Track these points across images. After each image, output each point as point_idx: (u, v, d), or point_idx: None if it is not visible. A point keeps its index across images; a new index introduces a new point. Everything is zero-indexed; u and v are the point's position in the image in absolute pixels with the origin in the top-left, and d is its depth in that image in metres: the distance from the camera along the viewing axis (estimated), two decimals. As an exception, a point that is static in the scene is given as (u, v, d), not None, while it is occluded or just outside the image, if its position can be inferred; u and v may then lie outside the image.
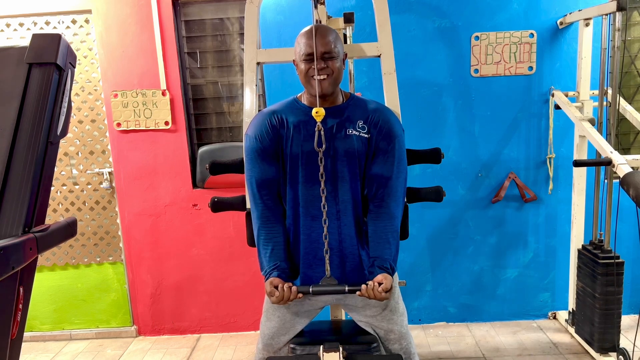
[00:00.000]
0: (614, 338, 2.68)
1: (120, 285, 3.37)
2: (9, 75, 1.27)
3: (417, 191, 1.92)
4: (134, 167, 3.20)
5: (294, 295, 1.58)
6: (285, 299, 1.58)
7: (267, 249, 1.68)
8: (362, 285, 1.58)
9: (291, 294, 1.58)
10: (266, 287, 1.62)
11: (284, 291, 1.58)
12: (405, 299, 1.95)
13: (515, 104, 3.07)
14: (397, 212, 1.70)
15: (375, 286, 1.57)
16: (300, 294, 1.59)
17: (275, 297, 1.58)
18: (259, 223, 1.71)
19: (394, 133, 1.70)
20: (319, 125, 1.61)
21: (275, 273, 1.64)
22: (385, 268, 1.62)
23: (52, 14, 3.12)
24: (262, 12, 2.97)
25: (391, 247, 1.66)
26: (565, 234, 3.13)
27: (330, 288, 1.61)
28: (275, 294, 1.58)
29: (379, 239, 1.67)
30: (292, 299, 1.59)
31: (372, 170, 1.69)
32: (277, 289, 1.59)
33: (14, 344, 1.22)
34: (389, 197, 1.68)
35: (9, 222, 1.18)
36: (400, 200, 1.72)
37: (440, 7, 2.99)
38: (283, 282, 1.60)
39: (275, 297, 1.58)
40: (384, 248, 1.65)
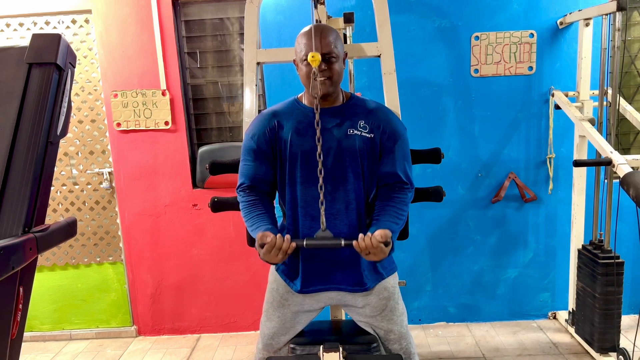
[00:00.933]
0: (614, 338, 2.68)
1: (120, 285, 3.37)
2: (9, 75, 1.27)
3: (417, 191, 1.92)
4: (134, 167, 3.20)
5: (286, 244, 1.52)
6: (277, 246, 1.51)
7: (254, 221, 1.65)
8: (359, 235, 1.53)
9: (284, 242, 1.52)
10: (257, 240, 1.54)
11: (276, 239, 1.51)
12: (405, 299, 1.95)
13: (515, 104, 3.07)
14: (405, 200, 1.70)
15: (372, 236, 1.51)
16: (293, 244, 1.52)
17: (267, 245, 1.51)
18: (245, 206, 1.70)
19: (398, 132, 1.71)
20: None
21: (264, 228, 1.60)
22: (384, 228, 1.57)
23: (52, 14, 3.12)
24: (262, 12, 2.97)
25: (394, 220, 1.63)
26: (565, 234, 3.13)
27: (324, 242, 1.54)
28: (267, 240, 1.51)
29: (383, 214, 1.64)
30: (285, 248, 1.51)
31: (382, 169, 1.70)
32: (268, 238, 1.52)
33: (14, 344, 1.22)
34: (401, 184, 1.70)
35: (9, 222, 1.18)
36: (409, 193, 1.72)
37: (440, 7, 2.99)
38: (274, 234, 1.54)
39: (267, 244, 1.51)
40: (388, 220, 1.62)
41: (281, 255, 1.53)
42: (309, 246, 1.54)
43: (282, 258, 1.54)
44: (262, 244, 1.52)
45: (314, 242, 1.54)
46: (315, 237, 1.56)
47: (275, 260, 1.54)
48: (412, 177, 1.75)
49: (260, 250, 1.54)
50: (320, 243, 1.54)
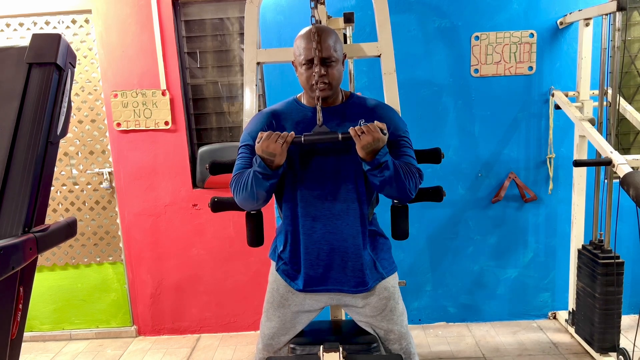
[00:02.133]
0: (614, 338, 2.68)
1: (120, 285, 3.37)
2: (9, 75, 1.27)
3: (418, 191, 1.92)
4: (134, 167, 3.20)
5: (285, 133, 1.53)
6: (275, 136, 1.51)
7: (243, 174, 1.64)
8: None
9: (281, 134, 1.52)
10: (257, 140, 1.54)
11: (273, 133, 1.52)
12: (405, 299, 1.95)
13: (515, 104, 3.07)
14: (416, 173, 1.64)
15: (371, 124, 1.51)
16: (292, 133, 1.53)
17: (265, 134, 1.52)
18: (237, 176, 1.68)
19: (400, 128, 1.71)
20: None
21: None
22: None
23: (52, 14, 3.12)
24: (262, 12, 2.97)
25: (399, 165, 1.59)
26: (565, 234, 3.13)
27: (322, 136, 1.56)
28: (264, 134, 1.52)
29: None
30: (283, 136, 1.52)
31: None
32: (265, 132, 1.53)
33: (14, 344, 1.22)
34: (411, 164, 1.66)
35: (9, 222, 1.18)
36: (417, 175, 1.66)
37: (440, 7, 2.99)
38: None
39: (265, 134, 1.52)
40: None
41: (281, 140, 1.52)
42: (307, 141, 1.54)
43: (282, 145, 1.52)
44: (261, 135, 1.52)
45: (312, 137, 1.55)
46: (313, 132, 1.56)
47: (274, 146, 1.51)
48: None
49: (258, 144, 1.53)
50: (318, 138, 1.56)
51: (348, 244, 1.70)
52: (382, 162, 1.53)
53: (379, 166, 1.54)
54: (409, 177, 1.60)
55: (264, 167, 1.55)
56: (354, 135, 1.52)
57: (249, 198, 1.62)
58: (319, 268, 1.72)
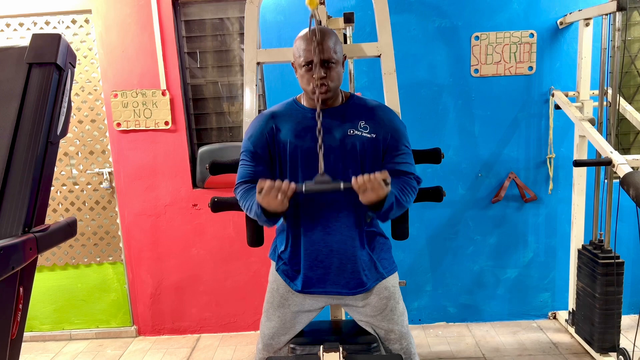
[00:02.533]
0: (614, 338, 2.68)
1: (120, 285, 3.37)
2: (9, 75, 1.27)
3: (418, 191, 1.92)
4: (134, 167, 3.20)
5: (286, 185, 1.48)
6: (276, 187, 1.48)
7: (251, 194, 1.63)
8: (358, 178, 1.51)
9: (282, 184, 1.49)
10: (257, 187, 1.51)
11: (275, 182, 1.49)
12: (405, 299, 1.95)
13: (515, 104, 3.07)
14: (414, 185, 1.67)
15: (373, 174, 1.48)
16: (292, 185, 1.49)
17: (267, 185, 1.48)
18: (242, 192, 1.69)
19: (399, 130, 1.71)
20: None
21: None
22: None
23: (52, 14, 3.12)
24: (262, 12, 2.97)
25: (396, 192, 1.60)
26: (565, 234, 3.13)
27: (324, 186, 1.51)
28: (267, 182, 1.48)
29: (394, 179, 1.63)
30: (285, 188, 1.48)
31: (387, 167, 1.69)
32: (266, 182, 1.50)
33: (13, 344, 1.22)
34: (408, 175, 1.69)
35: (9, 222, 1.18)
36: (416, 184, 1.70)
37: (440, 7, 2.99)
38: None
39: (267, 184, 1.48)
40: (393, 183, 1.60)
41: (281, 197, 1.48)
42: (309, 191, 1.50)
43: (282, 200, 1.49)
44: (261, 187, 1.49)
45: (314, 186, 1.51)
46: (315, 182, 1.52)
47: (274, 202, 1.49)
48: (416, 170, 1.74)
49: (259, 195, 1.50)
50: (319, 187, 1.51)
51: (346, 245, 1.70)
52: (386, 208, 1.55)
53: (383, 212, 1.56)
54: (409, 197, 1.64)
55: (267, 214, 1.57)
56: (357, 189, 1.49)
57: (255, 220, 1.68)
58: (317, 269, 1.72)
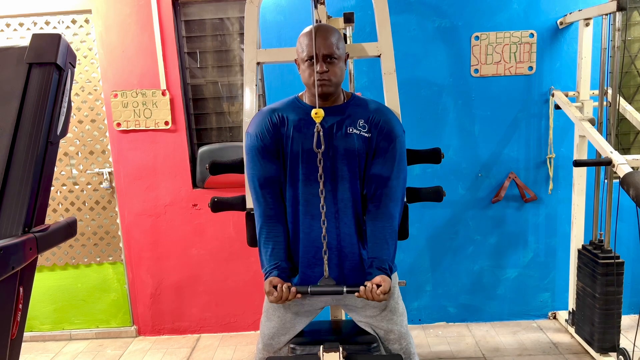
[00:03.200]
0: (614, 338, 2.68)
1: (120, 285, 3.37)
2: (9, 75, 1.27)
3: (417, 191, 1.92)
4: (134, 167, 3.20)
5: (292, 296, 1.59)
6: (283, 299, 1.59)
7: (268, 247, 1.69)
8: (360, 287, 1.58)
9: (289, 294, 1.59)
10: (265, 286, 1.62)
11: (283, 291, 1.58)
12: (405, 299, 1.95)
13: (515, 104, 3.07)
14: (395, 212, 1.70)
15: (373, 288, 1.56)
16: (298, 294, 1.60)
17: (273, 297, 1.59)
18: (261, 221, 1.71)
19: (395, 133, 1.70)
20: (318, 127, 1.61)
21: (275, 272, 1.64)
22: (383, 269, 1.62)
23: (52, 14, 3.12)
24: (262, 12, 2.97)
25: (389, 247, 1.66)
26: (565, 234, 3.13)
27: (328, 289, 1.61)
28: (274, 293, 1.59)
29: (377, 240, 1.67)
30: (291, 299, 1.59)
31: (372, 170, 1.69)
32: (275, 289, 1.59)
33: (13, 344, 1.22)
34: (388, 197, 1.68)
35: (9, 222, 1.18)
36: (399, 200, 1.72)
37: (440, 7, 2.99)
38: (282, 282, 1.61)
39: (273, 296, 1.59)
40: (382, 248, 1.65)
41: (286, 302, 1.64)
42: (314, 293, 1.62)
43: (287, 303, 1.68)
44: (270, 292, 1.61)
45: (318, 289, 1.61)
46: (319, 285, 1.63)
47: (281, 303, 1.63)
48: (405, 179, 1.73)
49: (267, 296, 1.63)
50: (323, 290, 1.62)
51: (345, 243, 1.70)
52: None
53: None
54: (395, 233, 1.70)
55: None
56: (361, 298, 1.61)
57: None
58: (315, 268, 1.72)
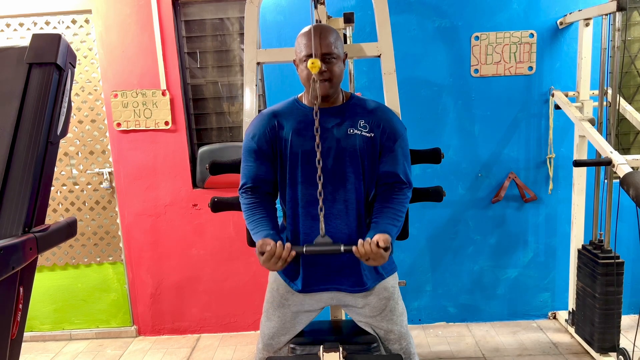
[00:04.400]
0: (614, 338, 2.68)
1: (120, 285, 3.37)
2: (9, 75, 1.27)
3: (417, 191, 1.92)
4: (134, 167, 3.20)
5: (286, 252, 1.52)
6: (277, 255, 1.52)
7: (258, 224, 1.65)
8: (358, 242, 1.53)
9: (283, 250, 1.52)
10: (257, 246, 1.56)
11: (276, 247, 1.53)
12: (405, 299, 1.95)
13: (515, 104, 3.07)
14: (404, 200, 1.70)
15: (372, 242, 1.51)
16: (293, 251, 1.53)
17: (266, 253, 1.52)
18: (246, 209, 1.70)
19: (398, 132, 1.71)
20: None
21: (264, 233, 1.60)
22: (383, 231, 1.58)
23: (52, 14, 3.12)
24: (262, 12, 2.97)
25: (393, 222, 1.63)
26: (565, 234, 3.13)
27: (324, 248, 1.55)
28: (267, 249, 1.52)
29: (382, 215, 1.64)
30: (285, 256, 1.52)
31: (381, 169, 1.70)
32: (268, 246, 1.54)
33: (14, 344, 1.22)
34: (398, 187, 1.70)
35: (9, 222, 1.18)
36: (408, 193, 1.72)
37: (440, 7, 2.99)
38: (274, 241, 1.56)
39: (266, 252, 1.52)
40: (385, 221, 1.62)
41: (281, 263, 1.54)
42: (309, 252, 1.54)
43: (282, 265, 1.55)
44: (262, 252, 1.53)
45: (314, 248, 1.54)
46: (315, 244, 1.56)
47: (274, 267, 1.55)
48: (411, 177, 1.75)
49: (260, 257, 1.55)
50: (319, 249, 1.55)
51: (346, 244, 1.70)
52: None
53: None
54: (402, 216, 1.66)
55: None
56: (358, 256, 1.53)
57: None
58: (317, 268, 1.72)
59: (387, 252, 1.53)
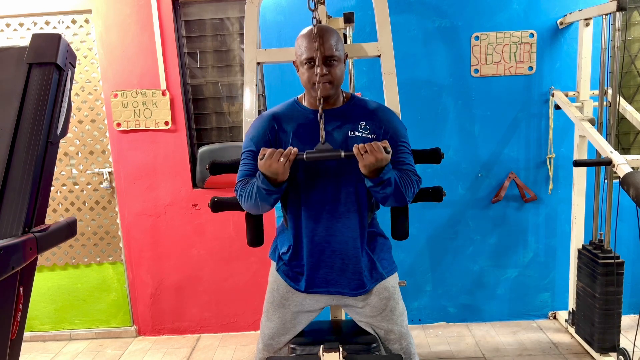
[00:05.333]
0: (614, 338, 2.68)
1: (120, 285, 3.37)
2: (9, 75, 1.27)
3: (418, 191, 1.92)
4: (134, 167, 3.20)
5: (288, 150, 1.51)
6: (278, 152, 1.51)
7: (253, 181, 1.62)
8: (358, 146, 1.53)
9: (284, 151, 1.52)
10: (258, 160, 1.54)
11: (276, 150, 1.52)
12: (405, 299, 1.95)
13: (515, 104, 3.07)
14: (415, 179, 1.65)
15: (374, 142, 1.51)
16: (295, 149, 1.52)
17: (269, 150, 1.51)
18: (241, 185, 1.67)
19: (399, 132, 1.70)
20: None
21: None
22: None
23: (52, 14, 3.12)
24: (262, 12, 2.97)
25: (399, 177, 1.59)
26: (565, 234, 3.13)
27: (325, 154, 1.55)
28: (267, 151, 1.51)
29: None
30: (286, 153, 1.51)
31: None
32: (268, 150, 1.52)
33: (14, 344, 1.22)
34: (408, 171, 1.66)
35: (9, 222, 1.18)
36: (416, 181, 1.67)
37: (440, 7, 2.99)
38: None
39: (269, 150, 1.51)
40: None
41: (283, 159, 1.50)
42: (310, 159, 1.54)
43: (284, 163, 1.51)
44: (263, 154, 1.51)
45: (315, 154, 1.55)
46: (316, 150, 1.56)
47: (276, 165, 1.50)
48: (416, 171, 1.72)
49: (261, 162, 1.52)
50: (320, 155, 1.55)
51: (348, 246, 1.70)
52: (384, 179, 1.54)
53: (381, 183, 1.55)
54: (408, 188, 1.62)
55: (267, 184, 1.55)
56: (357, 153, 1.52)
57: (254, 208, 1.65)
58: (320, 270, 1.72)
59: (388, 155, 1.51)
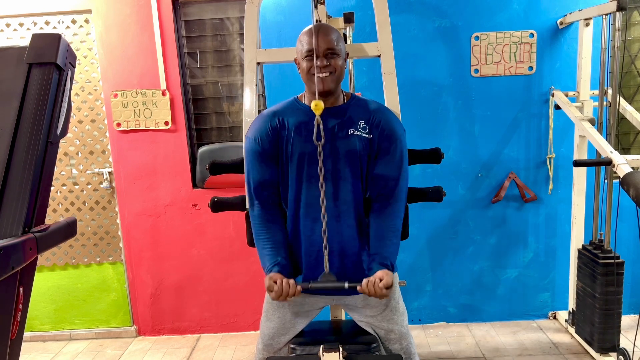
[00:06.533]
0: (614, 338, 2.68)
1: (120, 285, 3.37)
2: (9, 75, 1.27)
3: (417, 191, 1.92)
4: (134, 167, 3.20)
5: (292, 290, 1.57)
6: (284, 294, 1.58)
7: (266, 247, 1.69)
8: (362, 281, 1.57)
9: (290, 288, 1.58)
10: (265, 282, 1.61)
11: (283, 286, 1.57)
12: (405, 299, 1.95)
13: (515, 104, 3.07)
14: (399, 211, 1.70)
15: (376, 282, 1.56)
16: (299, 287, 1.58)
17: (274, 292, 1.58)
18: (257, 222, 1.71)
19: (396, 134, 1.70)
20: (317, 119, 1.60)
21: (275, 269, 1.63)
22: (385, 265, 1.61)
23: (52, 14, 3.12)
24: (262, 12, 2.97)
25: (392, 245, 1.66)
26: (565, 234, 3.13)
27: (329, 284, 1.60)
28: (274, 288, 1.58)
29: (380, 237, 1.67)
30: (292, 294, 1.58)
31: (375, 170, 1.69)
32: (276, 284, 1.59)
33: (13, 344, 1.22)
34: (392, 196, 1.69)
35: (9, 222, 1.18)
36: (403, 200, 1.72)
37: (440, 7, 2.99)
38: (282, 277, 1.60)
39: (274, 291, 1.58)
40: (384, 245, 1.65)
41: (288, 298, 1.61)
42: (314, 288, 1.61)
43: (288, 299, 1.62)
44: (271, 289, 1.60)
45: (319, 284, 1.61)
46: (320, 280, 1.62)
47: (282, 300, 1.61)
48: (409, 178, 1.74)
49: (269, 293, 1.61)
50: (324, 285, 1.61)
51: (347, 245, 1.70)
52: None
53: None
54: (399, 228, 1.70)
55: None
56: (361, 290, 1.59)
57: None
58: (318, 269, 1.72)
59: (389, 290, 1.58)
